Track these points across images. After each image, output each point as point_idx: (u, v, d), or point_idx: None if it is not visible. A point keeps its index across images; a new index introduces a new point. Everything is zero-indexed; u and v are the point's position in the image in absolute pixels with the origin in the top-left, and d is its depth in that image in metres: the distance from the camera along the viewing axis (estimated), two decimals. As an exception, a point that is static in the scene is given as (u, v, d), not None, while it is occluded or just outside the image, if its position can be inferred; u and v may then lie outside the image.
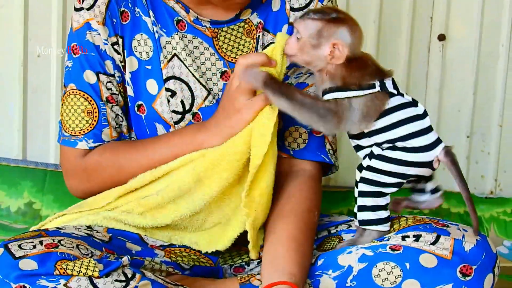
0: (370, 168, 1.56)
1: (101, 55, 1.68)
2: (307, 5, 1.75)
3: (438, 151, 1.57)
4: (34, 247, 1.39)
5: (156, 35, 1.69)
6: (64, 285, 1.35)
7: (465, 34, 2.62)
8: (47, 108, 2.45)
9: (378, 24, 2.55)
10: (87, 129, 1.68)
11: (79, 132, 1.69)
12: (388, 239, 1.55)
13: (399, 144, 1.55)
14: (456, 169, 1.59)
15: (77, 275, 1.36)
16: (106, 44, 1.68)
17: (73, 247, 1.42)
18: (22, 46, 2.41)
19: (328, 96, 1.54)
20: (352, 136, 1.59)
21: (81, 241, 1.47)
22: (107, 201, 1.67)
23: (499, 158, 2.69)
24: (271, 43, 1.70)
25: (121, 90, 1.72)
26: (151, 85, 1.70)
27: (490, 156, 2.69)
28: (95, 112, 1.68)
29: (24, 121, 2.44)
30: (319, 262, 1.56)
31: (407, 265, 1.50)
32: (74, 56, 1.69)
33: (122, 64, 1.70)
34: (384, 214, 1.57)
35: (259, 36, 1.74)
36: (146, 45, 1.69)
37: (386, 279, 1.50)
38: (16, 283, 1.33)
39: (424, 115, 1.57)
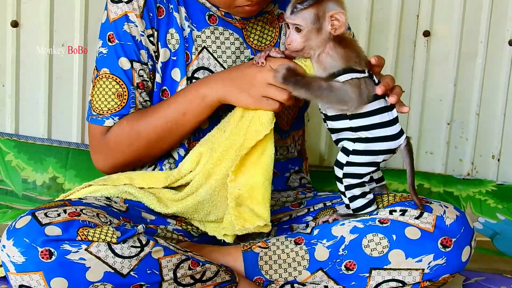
0: (350, 164, 1.55)
1: (137, 45, 1.66)
2: None
3: (402, 140, 1.56)
4: (59, 215, 1.39)
5: (188, 30, 1.69)
6: (85, 249, 1.35)
7: (447, 31, 2.61)
8: (69, 93, 2.43)
9: (369, 21, 2.54)
10: (115, 110, 1.67)
11: (107, 112, 1.67)
12: (377, 213, 1.55)
13: (370, 133, 1.54)
14: (410, 156, 1.58)
15: (97, 241, 1.37)
16: (143, 35, 1.67)
17: (93, 216, 1.42)
18: (48, 36, 2.40)
19: (342, 78, 1.52)
20: (331, 118, 1.57)
21: (100, 210, 1.47)
22: (128, 182, 1.65)
23: (475, 143, 2.68)
24: None
25: (151, 78, 1.70)
26: (176, 73, 1.69)
27: (467, 141, 2.68)
28: (125, 95, 1.66)
29: (49, 104, 2.43)
30: (315, 232, 1.56)
31: (394, 236, 1.51)
32: (110, 44, 1.67)
33: (156, 54, 1.69)
34: (370, 196, 1.57)
35: (281, 25, 1.76)
36: (173, 38, 1.69)
37: (375, 249, 1.51)
38: (42, 247, 1.33)
39: (391, 107, 1.56)
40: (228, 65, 1.69)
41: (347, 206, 1.58)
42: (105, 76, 1.67)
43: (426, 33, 2.60)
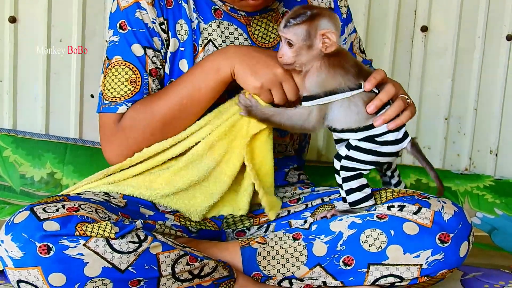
0: (348, 158, 1.55)
1: (150, 32, 1.65)
2: None
3: (406, 143, 1.56)
4: (57, 210, 1.39)
5: (196, 22, 1.69)
6: (84, 245, 1.35)
7: (445, 27, 2.62)
8: (67, 88, 2.43)
9: (367, 16, 2.54)
10: (128, 96, 1.63)
11: (120, 98, 1.63)
12: (375, 209, 1.55)
13: (377, 138, 1.54)
14: (421, 155, 1.59)
15: (96, 236, 1.37)
16: (154, 23, 1.66)
17: (92, 211, 1.42)
18: (45, 32, 2.40)
19: (315, 102, 1.53)
20: (337, 131, 1.57)
21: (99, 205, 1.47)
22: (130, 164, 1.65)
23: (473, 138, 2.69)
24: None
25: (164, 65, 1.69)
26: (183, 64, 1.68)
27: (465, 136, 2.69)
28: (138, 81, 1.63)
29: (47, 99, 2.43)
30: (313, 228, 1.57)
31: (392, 232, 1.50)
32: (122, 32, 1.65)
33: (167, 43, 1.68)
34: (368, 190, 1.57)
35: None
36: (182, 29, 1.68)
37: (373, 244, 1.51)
38: (41, 242, 1.33)
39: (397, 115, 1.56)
40: None
41: (344, 200, 1.58)
42: (118, 63, 1.64)
43: (424, 28, 2.60)
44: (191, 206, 1.64)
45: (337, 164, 1.56)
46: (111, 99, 1.64)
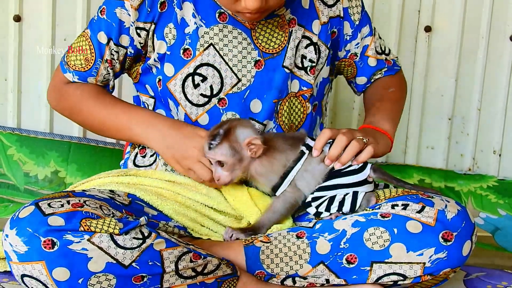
0: (315, 199, 1.62)
1: (121, 29, 1.69)
2: (335, 2, 1.80)
3: (368, 170, 1.61)
4: (62, 205, 1.39)
5: (194, 26, 1.69)
6: (88, 240, 1.36)
7: (449, 27, 2.62)
8: (71, 87, 2.44)
9: (371, 16, 2.54)
10: (78, 69, 1.74)
11: (72, 67, 1.74)
12: (379, 208, 1.55)
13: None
14: (388, 176, 1.64)
15: (100, 232, 1.37)
16: (132, 25, 1.68)
17: (96, 208, 1.43)
18: (50, 31, 2.41)
19: (280, 189, 1.63)
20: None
21: (104, 202, 1.48)
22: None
23: (477, 138, 2.69)
24: (305, 35, 1.75)
25: (124, 62, 1.75)
26: (168, 68, 1.69)
27: (469, 137, 2.69)
28: (91, 62, 1.72)
29: (51, 98, 2.44)
30: (317, 226, 1.57)
31: (395, 230, 1.50)
32: (100, 16, 1.71)
33: (141, 45, 1.71)
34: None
35: (292, 30, 1.74)
36: (171, 33, 1.69)
37: (376, 243, 1.51)
38: (45, 237, 1.34)
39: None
40: (233, 64, 1.69)
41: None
42: (86, 36, 1.73)
43: (427, 28, 2.60)
44: (198, 230, 1.68)
45: (311, 210, 1.63)
46: (68, 61, 1.75)
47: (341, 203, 1.59)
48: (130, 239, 1.39)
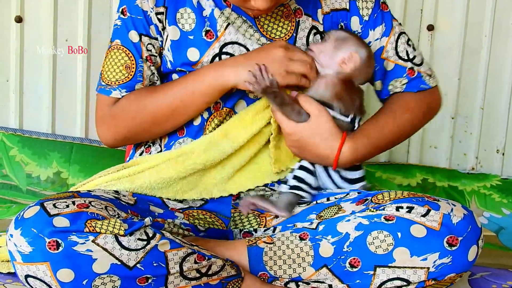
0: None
1: (147, 19, 1.68)
2: None
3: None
4: (67, 206, 1.39)
5: (210, 9, 1.68)
6: (93, 241, 1.35)
7: (451, 25, 2.62)
8: (73, 88, 2.44)
9: (373, 15, 2.55)
10: (122, 81, 1.68)
11: (115, 83, 1.68)
12: (383, 209, 1.53)
13: None
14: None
15: (105, 233, 1.37)
16: (152, 11, 1.68)
17: (102, 208, 1.42)
18: (51, 32, 2.41)
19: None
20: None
21: (109, 203, 1.47)
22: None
23: (480, 137, 2.69)
24: (313, 26, 1.73)
25: (160, 53, 1.71)
26: (192, 53, 1.68)
27: (472, 136, 2.69)
28: (133, 67, 1.67)
29: (53, 99, 2.44)
30: (320, 228, 1.55)
31: (399, 234, 1.48)
32: (123, 17, 1.68)
33: (163, 31, 1.70)
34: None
35: (299, 20, 1.72)
36: (189, 17, 1.69)
37: (379, 247, 1.49)
38: (50, 237, 1.33)
39: None
40: (251, 44, 1.68)
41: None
42: (116, 47, 1.69)
43: (430, 27, 2.60)
44: (204, 182, 1.68)
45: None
46: (107, 82, 1.69)
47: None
48: (135, 240, 1.39)
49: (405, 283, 1.50)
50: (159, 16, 1.68)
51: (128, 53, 1.68)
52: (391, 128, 1.73)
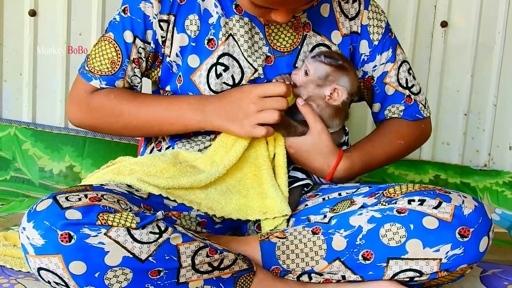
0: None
1: (146, 24, 1.69)
2: (357, 14, 1.79)
3: None
4: (80, 199, 1.39)
5: (217, 16, 1.70)
6: (105, 234, 1.35)
7: (465, 22, 2.61)
8: (86, 82, 2.45)
9: (387, 11, 2.54)
10: (105, 73, 1.71)
11: (97, 72, 1.71)
12: (395, 202, 1.54)
13: None
14: None
15: (117, 226, 1.36)
16: (155, 18, 1.69)
17: (114, 202, 1.42)
18: (65, 25, 2.41)
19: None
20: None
21: (121, 196, 1.47)
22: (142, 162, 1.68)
23: (493, 134, 2.69)
24: (320, 43, 1.75)
25: (149, 59, 1.74)
26: (193, 60, 1.70)
27: (484, 132, 2.68)
28: (118, 64, 1.70)
29: (66, 93, 2.44)
30: (333, 222, 1.55)
31: (411, 226, 1.49)
32: (123, 15, 1.70)
33: (163, 39, 1.71)
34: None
35: (306, 35, 1.74)
36: (195, 24, 1.70)
37: (392, 239, 1.50)
38: (62, 230, 1.33)
39: None
40: (248, 55, 1.70)
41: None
42: (108, 40, 1.71)
43: (444, 24, 2.59)
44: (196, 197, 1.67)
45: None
46: (91, 69, 1.72)
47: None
48: (147, 234, 1.39)
49: (417, 274, 1.50)
50: (161, 24, 1.70)
51: (118, 50, 1.70)
52: (385, 153, 1.82)
